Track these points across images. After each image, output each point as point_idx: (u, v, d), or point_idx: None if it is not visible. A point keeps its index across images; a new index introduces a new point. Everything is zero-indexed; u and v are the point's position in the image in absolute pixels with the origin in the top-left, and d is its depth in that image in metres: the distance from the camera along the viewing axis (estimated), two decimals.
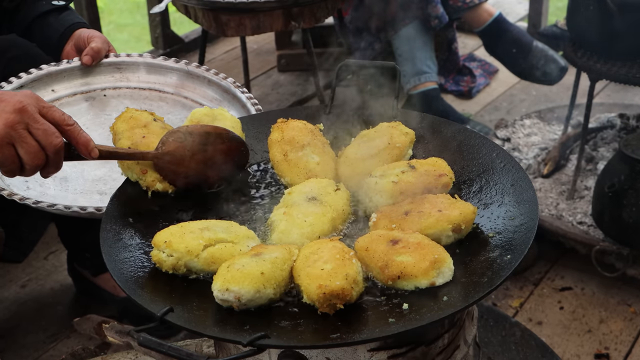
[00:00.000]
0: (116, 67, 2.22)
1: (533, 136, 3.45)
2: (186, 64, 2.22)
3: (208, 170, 1.63)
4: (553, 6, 4.95)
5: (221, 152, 1.64)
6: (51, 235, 3.06)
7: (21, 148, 1.48)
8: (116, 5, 6.01)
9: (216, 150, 1.63)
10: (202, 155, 1.62)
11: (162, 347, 1.22)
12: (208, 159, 1.63)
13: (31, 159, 1.49)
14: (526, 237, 1.40)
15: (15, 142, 1.48)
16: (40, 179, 1.91)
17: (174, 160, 1.61)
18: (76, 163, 1.70)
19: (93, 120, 2.13)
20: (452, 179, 1.58)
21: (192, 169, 1.62)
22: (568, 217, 2.92)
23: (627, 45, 2.80)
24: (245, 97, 2.11)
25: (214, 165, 1.63)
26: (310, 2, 2.89)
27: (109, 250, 1.44)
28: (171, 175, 1.62)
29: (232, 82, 2.17)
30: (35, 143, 1.49)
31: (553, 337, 2.60)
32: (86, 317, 2.28)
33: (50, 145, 1.50)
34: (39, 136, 1.49)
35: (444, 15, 3.68)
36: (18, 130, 1.47)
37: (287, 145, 1.67)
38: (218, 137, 1.64)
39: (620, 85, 3.13)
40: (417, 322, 1.25)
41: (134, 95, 2.20)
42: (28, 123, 1.48)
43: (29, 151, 1.48)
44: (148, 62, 2.24)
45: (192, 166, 1.62)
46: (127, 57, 2.24)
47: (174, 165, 1.61)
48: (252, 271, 1.32)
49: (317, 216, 1.49)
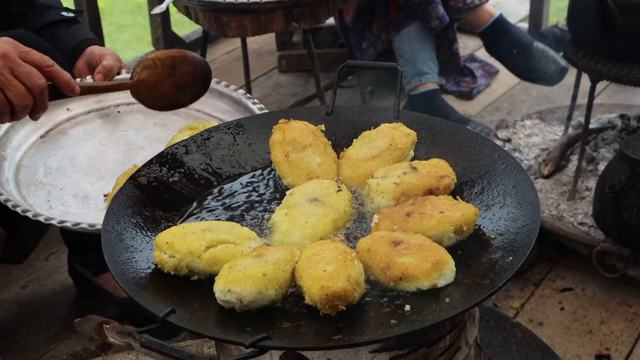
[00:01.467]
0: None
1: (534, 137, 3.45)
2: None
3: (180, 92, 1.81)
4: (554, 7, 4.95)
5: (189, 74, 1.81)
6: (52, 236, 3.06)
7: (9, 92, 1.56)
8: (117, 6, 6.01)
9: (184, 73, 1.80)
10: (172, 78, 1.79)
11: (164, 349, 1.21)
12: (178, 81, 1.80)
13: (20, 100, 1.57)
14: (528, 239, 1.40)
15: (3, 86, 1.56)
16: (62, 198, 1.95)
17: (149, 87, 1.78)
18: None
19: (109, 137, 2.16)
20: (454, 180, 1.58)
21: (166, 93, 1.80)
22: (569, 218, 2.92)
23: (628, 46, 2.80)
24: (257, 108, 2.15)
25: (184, 86, 1.81)
26: (311, 2, 2.89)
27: (110, 251, 1.44)
28: (149, 101, 1.81)
29: (243, 94, 2.20)
30: (21, 85, 1.57)
31: (554, 338, 2.60)
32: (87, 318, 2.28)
33: (35, 86, 1.58)
34: (24, 78, 1.57)
35: (444, 16, 3.68)
36: (5, 75, 1.55)
37: (288, 146, 1.67)
38: (183, 59, 1.81)
39: (621, 85, 3.12)
40: (419, 324, 1.25)
41: (147, 111, 2.21)
42: (12, 67, 1.56)
43: (17, 94, 1.57)
44: None
45: (165, 90, 1.79)
46: None
47: (150, 92, 1.79)
48: (254, 272, 1.32)
49: (319, 217, 1.49)
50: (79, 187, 2.00)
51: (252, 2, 2.80)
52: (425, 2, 3.65)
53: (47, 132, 2.12)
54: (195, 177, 1.70)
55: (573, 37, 3.02)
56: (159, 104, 1.82)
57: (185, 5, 2.99)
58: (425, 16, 3.68)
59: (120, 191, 1.60)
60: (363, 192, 1.60)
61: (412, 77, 3.76)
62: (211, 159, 1.74)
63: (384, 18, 3.79)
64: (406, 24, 3.73)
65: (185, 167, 1.71)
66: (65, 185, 2.00)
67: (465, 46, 4.56)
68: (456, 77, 4.20)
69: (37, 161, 2.05)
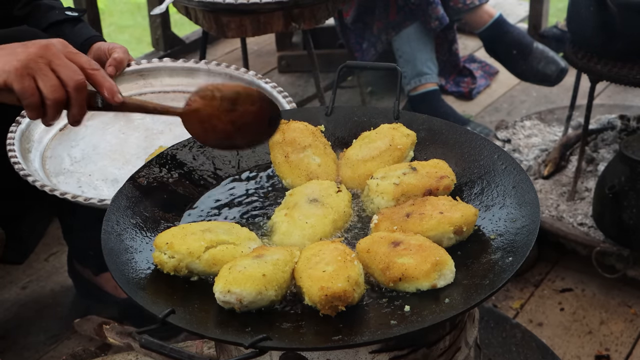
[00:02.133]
0: (139, 74, 2.29)
1: (533, 137, 3.45)
2: (206, 63, 2.30)
3: (236, 132, 1.58)
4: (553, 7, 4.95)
5: (251, 114, 1.57)
6: (52, 237, 3.06)
7: (41, 80, 1.49)
8: (117, 6, 6.01)
9: (245, 111, 1.56)
10: (231, 115, 1.56)
11: (164, 349, 1.22)
12: (237, 119, 1.56)
13: (51, 92, 1.49)
14: (528, 240, 1.40)
15: (35, 74, 1.48)
16: (92, 183, 1.96)
17: (202, 118, 1.56)
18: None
19: (127, 126, 2.19)
20: (454, 181, 1.58)
21: (220, 130, 1.56)
22: (568, 219, 2.92)
23: (627, 46, 2.79)
24: (269, 87, 2.17)
25: (243, 126, 1.57)
26: (311, 3, 2.89)
27: (110, 251, 1.44)
28: (200, 133, 1.58)
29: (254, 75, 2.22)
30: (55, 77, 1.49)
31: (554, 339, 2.60)
32: (87, 318, 2.29)
33: (71, 80, 1.50)
34: (60, 72, 1.50)
35: (444, 17, 3.68)
36: (39, 64, 1.49)
37: (288, 146, 1.67)
38: (248, 97, 1.57)
39: (621, 86, 3.12)
40: (418, 324, 1.25)
41: (160, 99, 2.25)
42: (51, 60, 1.50)
43: (48, 84, 1.49)
44: (169, 66, 2.33)
45: (220, 126, 1.56)
46: (148, 63, 2.32)
47: (201, 124, 1.56)
48: (253, 273, 1.32)
49: (319, 218, 1.49)
50: (107, 172, 2.03)
51: (252, 2, 2.80)
52: (425, 2, 3.65)
53: (65, 125, 2.15)
54: (195, 177, 1.70)
55: (573, 38, 3.02)
56: (212, 140, 1.59)
57: (185, 6, 2.99)
58: (425, 17, 3.68)
59: (120, 192, 1.61)
60: (363, 193, 1.60)
61: (411, 78, 3.76)
62: (211, 160, 1.74)
63: (383, 19, 3.79)
64: (406, 25, 3.73)
65: (185, 168, 1.71)
66: (93, 171, 2.03)
67: (465, 47, 4.56)
68: (456, 77, 4.20)
69: (60, 152, 2.08)
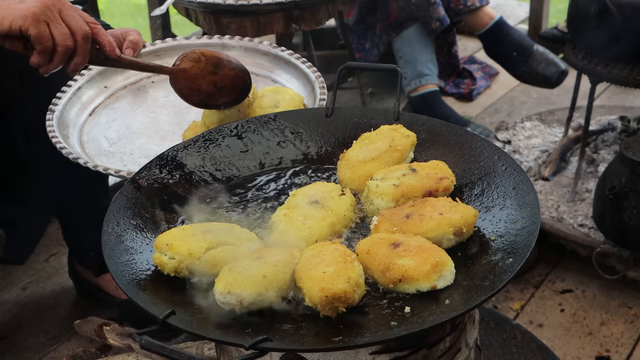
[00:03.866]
0: (155, 54, 2.30)
1: (534, 138, 3.45)
2: (219, 37, 2.32)
3: (217, 92, 1.82)
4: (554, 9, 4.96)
5: (229, 77, 1.83)
6: (52, 238, 3.06)
7: (54, 28, 1.61)
8: (117, 8, 6.02)
9: (225, 75, 1.83)
10: (212, 77, 1.82)
11: (164, 350, 1.21)
12: (218, 80, 1.82)
13: (63, 39, 1.62)
14: (528, 241, 1.40)
15: (49, 20, 1.60)
16: (136, 160, 2.00)
17: (188, 77, 1.80)
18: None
19: (154, 104, 2.21)
20: (453, 182, 1.58)
21: (204, 89, 1.81)
22: (569, 220, 2.92)
23: (627, 48, 2.79)
24: (286, 54, 2.21)
25: (222, 88, 1.83)
26: (311, 4, 2.89)
27: (110, 252, 1.44)
28: (186, 91, 1.82)
29: (269, 44, 2.26)
30: (66, 27, 1.62)
31: (554, 340, 2.60)
32: (87, 320, 2.29)
33: (79, 30, 1.64)
34: (70, 21, 1.63)
35: (445, 18, 3.68)
36: (53, 12, 1.61)
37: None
38: (228, 63, 1.84)
39: (621, 87, 3.13)
40: (419, 326, 1.25)
41: None
42: (61, 9, 1.62)
43: (61, 32, 1.61)
44: (183, 44, 2.34)
45: (203, 85, 1.81)
46: (163, 43, 2.33)
47: (188, 82, 1.81)
48: (254, 274, 1.31)
49: (317, 220, 1.49)
50: (147, 149, 2.06)
51: (252, 3, 2.80)
52: (426, 4, 3.65)
53: (93, 110, 2.17)
54: (195, 178, 1.70)
55: (573, 39, 3.02)
56: (194, 98, 1.82)
57: (185, 7, 3.00)
58: (425, 18, 3.68)
59: (120, 193, 1.60)
60: (362, 194, 1.60)
61: (412, 79, 3.76)
62: (211, 161, 1.74)
63: (384, 19, 3.79)
64: (406, 26, 3.74)
65: (185, 169, 1.71)
66: (133, 150, 2.06)
67: (465, 48, 4.56)
68: (456, 79, 4.20)
69: (95, 136, 2.10)
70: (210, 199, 1.66)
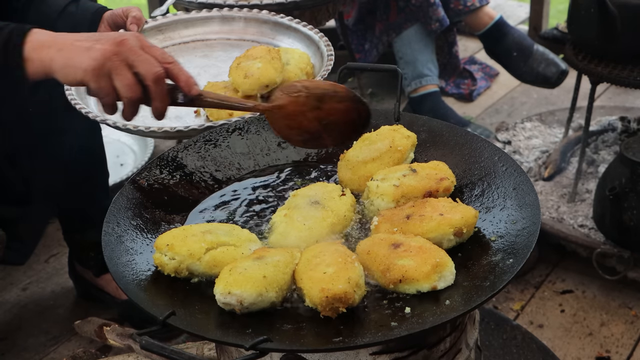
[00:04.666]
0: (157, 29, 2.35)
1: (534, 139, 3.45)
2: (218, 10, 2.36)
3: (323, 129, 1.57)
4: (554, 9, 4.96)
5: (337, 112, 1.55)
6: (52, 238, 3.06)
7: (117, 79, 1.47)
8: None
9: (332, 109, 1.55)
10: (316, 112, 1.55)
11: (164, 351, 1.22)
12: (324, 117, 1.55)
13: (126, 90, 1.48)
14: (528, 241, 1.40)
15: (112, 72, 1.47)
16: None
17: (287, 115, 1.55)
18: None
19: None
20: (454, 182, 1.58)
21: (305, 126, 1.56)
22: (569, 220, 2.92)
23: (628, 48, 2.80)
24: (293, 21, 2.27)
25: (329, 124, 1.56)
26: (311, 5, 2.89)
27: (110, 253, 1.44)
28: (284, 130, 1.58)
29: (267, 13, 2.32)
30: (131, 75, 1.48)
31: (554, 340, 2.60)
32: (87, 320, 2.29)
33: (149, 73, 1.48)
34: (138, 66, 1.47)
35: (445, 19, 3.69)
36: (114, 62, 1.47)
37: (243, 59, 2.02)
38: (335, 95, 1.55)
39: (621, 88, 3.12)
40: (419, 326, 1.25)
41: (182, 50, 2.33)
42: (127, 56, 1.47)
43: (124, 83, 1.47)
44: (183, 18, 2.39)
45: (305, 123, 1.55)
46: (164, 18, 2.37)
47: (287, 120, 1.56)
48: (254, 274, 1.32)
49: (317, 220, 1.49)
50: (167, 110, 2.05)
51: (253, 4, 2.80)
52: (426, 4, 3.65)
53: None
54: (195, 179, 1.70)
55: (573, 40, 3.02)
56: (296, 137, 1.58)
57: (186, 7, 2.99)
58: (425, 18, 3.68)
59: (120, 193, 1.61)
60: (362, 195, 1.60)
61: (412, 79, 3.76)
62: (211, 162, 1.74)
63: (384, 20, 3.79)
64: (406, 26, 3.74)
65: (186, 170, 1.71)
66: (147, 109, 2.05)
67: (465, 48, 4.56)
68: (456, 79, 4.20)
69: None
70: (210, 199, 1.66)
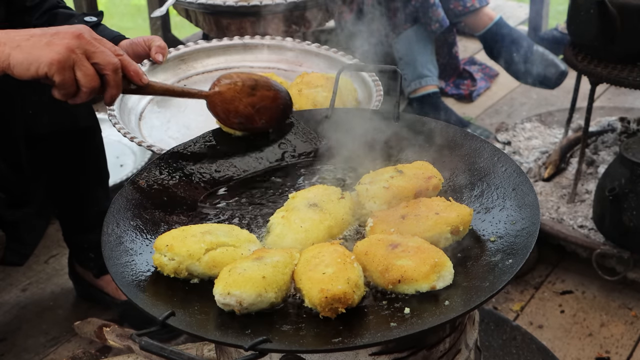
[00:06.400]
0: (180, 59, 2.35)
1: (534, 140, 3.45)
2: (239, 38, 2.38)
3: (255, 114, 1.77)
4: (553, 10, 4.96)
5: (268, 99, 1.78)
6: (52, 239, 3.06)
7: (79, 71, 1.57)
8: (117, 8, 6.02)
9: (263, 96, 1.78)
10: (250, 99, 1.77)
11: (164, 351, 1.22)
12: (256, 102, 1.77)
13: (88, 81, 1.57)
14: (528, 242, 1.40)
15: (75, 64, 1.56)
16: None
17: (225, 100, 1.76)
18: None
19: (201, 105, 2.19)
20: (441, 180, 1.59)
21: (241, 111, 1.76)
22: (569, 221, 2.92)
23: (627, 49, 2.80)
24: (314, 47, 2.32)
25: (261, 109, 1.78)
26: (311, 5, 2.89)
27: (110, 254, 1.44)
28: (223, 114, 1.77)
29: (292, 40, 2.34)
30: (91, 67, 1.58)
31: (554, 341, 2.60)
32: (87, 321, 2.29)
33: (108, 64, 1.59)
34: (97, 57, 1.58)
35: (444, 19, 3.69)
36: (77, 55, 1.56)
37: (303, 85, 2.02)
38: (266, 84, 1.79)
39: (621, 88, 3.12)
40: (418, 327, 1.25)
41: (207, 79, 2.32)
42: (86, 48, 1.57)
43: (86, 74, 1.57)
44: (206, 47, 2.40)
45: (241, 108, 1.76)
46: (186, 48, 2.37)
47: (225, 105, 1.76)
48: (253, 275, 1.32)
49: (314, 223, 1.49)
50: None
51: (252, 5, 2.80)
52: (426, 5, 3.65)
53: (140, 114, 2.18)
54: (195, 179, 1.70)
55: (573, 40, 3.02)
56: (233, 120, 1.77)
57: (185, 8, 3.00)
58: (425, 19, 3.68)
59: (120, 194, 1.61)
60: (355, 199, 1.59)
61: (412, 80, 3.76)
62: (210, 162, 1.74)
63: (384, 21, 3.79)
64: (406, 27, 3.74)
65: (185, 170, 1.71)
66: None
67: (465, 49, 4.56)
68: (456, 80, 4.20)
69: (160, 137, 2.09)
70: (210, 199, 1.66)
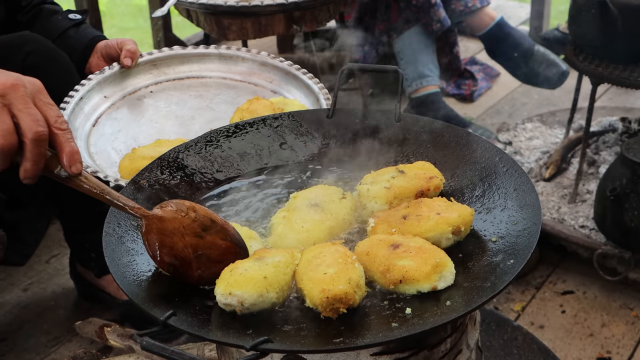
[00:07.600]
0: (152, 64, 2.31)
1: (535, 140, 3.45)
2: (215, 47, 2.34)
3: (194, 261, 1.37)
4: (555, 10, 4.96)
5: (217, 249, 1.38)
6: (53, 239, 3.07)
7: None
8: (118, 9, 6.02)
9: (213, 244, 1.38)
10: (195, 239, 1.37)
11: (165, 352, 1.21)
12: (200, 247, 1.37)
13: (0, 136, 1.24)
14: (529, 242, 1.40)
15: None
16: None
17: (163, 230, 1.36)
18: None
19: (156, 114, 2.20)
20: (443, 180, 1.59)
21: (177, 250, 1.36)
22: (570, 221, 2.92)
23: (628, 49, 2.80)
24: (286, 64, 2.27)
25: (203, 258, 1.37)
26: (312, 5, 2.89)
27: (111, 254, 1.44)
28: (153, 245, 1.37)
29: (267, 55, 2.31)
30: (11, 123, 1.25)
31: (555, 341, 2.60)
32: (88, 321, 2.29)
33: (30, 130, 1.25)
34: (21, 118, 1.25)
35: (446, 19, 3.69)
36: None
37: (246, 113, 1.95)
38: (221, 230, 1.39)
39: (622, 88, 3.12)
40: (420, 327, 1.25)
41: (177, 86, 2.30)
42: (12, 102, 1.26)
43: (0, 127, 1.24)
44: (180, 54, 2.35)
45: (179, 246, 1.36)
46: (160, 53, 2.33)
47: (161, 235, 1.37)
48: (254, 275, 1.31)
49: (315, 223, 1.49)
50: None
51: (254, 5, 2.80)
52: (427, 5, 3.65)
53: (96, 120, 2.16)
54: (196, 180, 1.70)
55: (574, 40, 3.02)
56: (164, 258, 1.37)
57: (187, 9, 3.00)
58: (426, 19, 3.68)
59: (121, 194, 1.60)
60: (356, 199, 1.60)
61: (413, 80, 3.76)
62: (212, 162, 1.74)
63: (385, 21, 3.79)
64: (407, 27, 3.74)
65: (187, 170, 1.71)
66: None
67: (466, 49, 4.56)
68: (457, 80, 4.20)
69: (103, 147, 2.08)
70: (211, 199, 1.66)
